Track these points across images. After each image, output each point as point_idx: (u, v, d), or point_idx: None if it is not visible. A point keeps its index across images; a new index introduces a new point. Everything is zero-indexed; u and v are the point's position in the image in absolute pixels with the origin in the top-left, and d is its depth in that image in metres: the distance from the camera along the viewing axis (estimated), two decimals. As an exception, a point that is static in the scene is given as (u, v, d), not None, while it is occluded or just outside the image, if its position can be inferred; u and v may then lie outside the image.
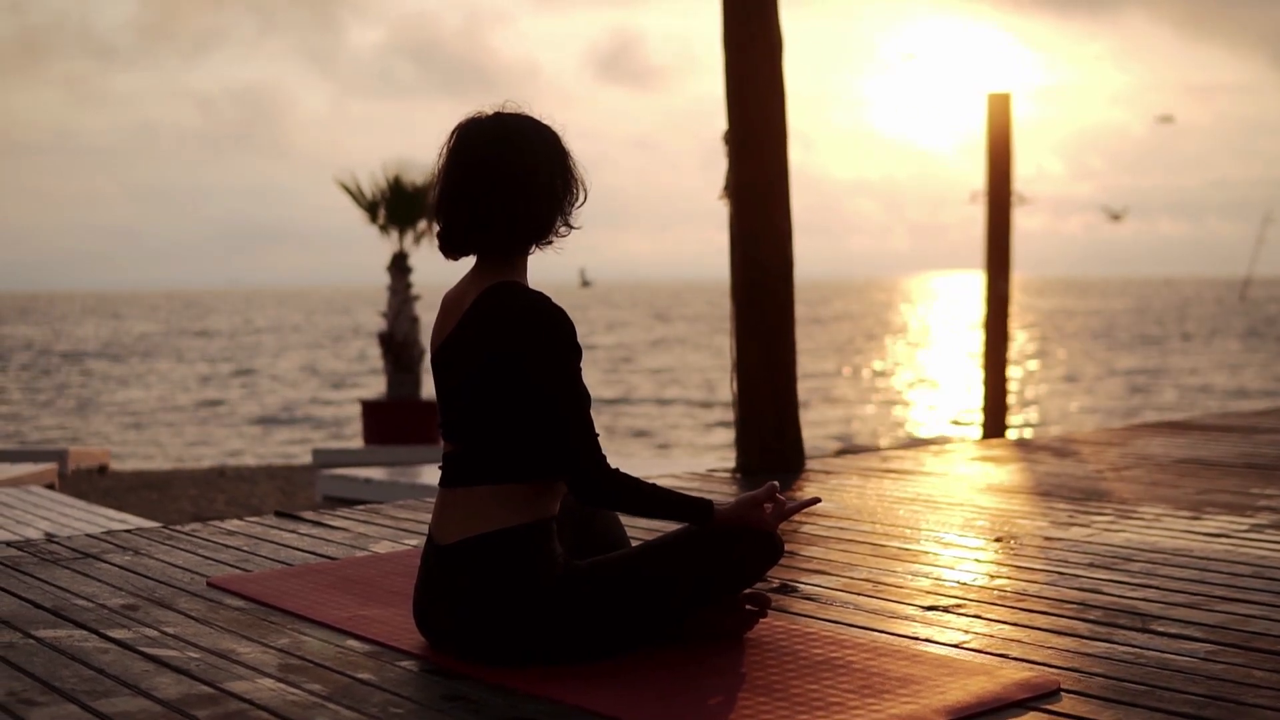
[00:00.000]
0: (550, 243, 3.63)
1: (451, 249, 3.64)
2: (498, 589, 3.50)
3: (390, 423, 19.78)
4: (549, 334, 3.49)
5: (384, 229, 20.95)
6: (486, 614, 3.51)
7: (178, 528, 5.58)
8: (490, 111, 3.62)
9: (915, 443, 20.94)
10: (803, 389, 7.77)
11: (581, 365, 3.54)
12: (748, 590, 3.81)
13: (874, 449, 16.64)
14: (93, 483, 14.84)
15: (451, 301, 3.68)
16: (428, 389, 23.85)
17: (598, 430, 3.57)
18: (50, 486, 12.72)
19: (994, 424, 16.80)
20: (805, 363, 7.50)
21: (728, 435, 27.32)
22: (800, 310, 7.37)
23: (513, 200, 3.53)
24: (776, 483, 3.70)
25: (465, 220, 3.57)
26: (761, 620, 3.86)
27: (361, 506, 6.18)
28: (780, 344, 7.19)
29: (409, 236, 21.00)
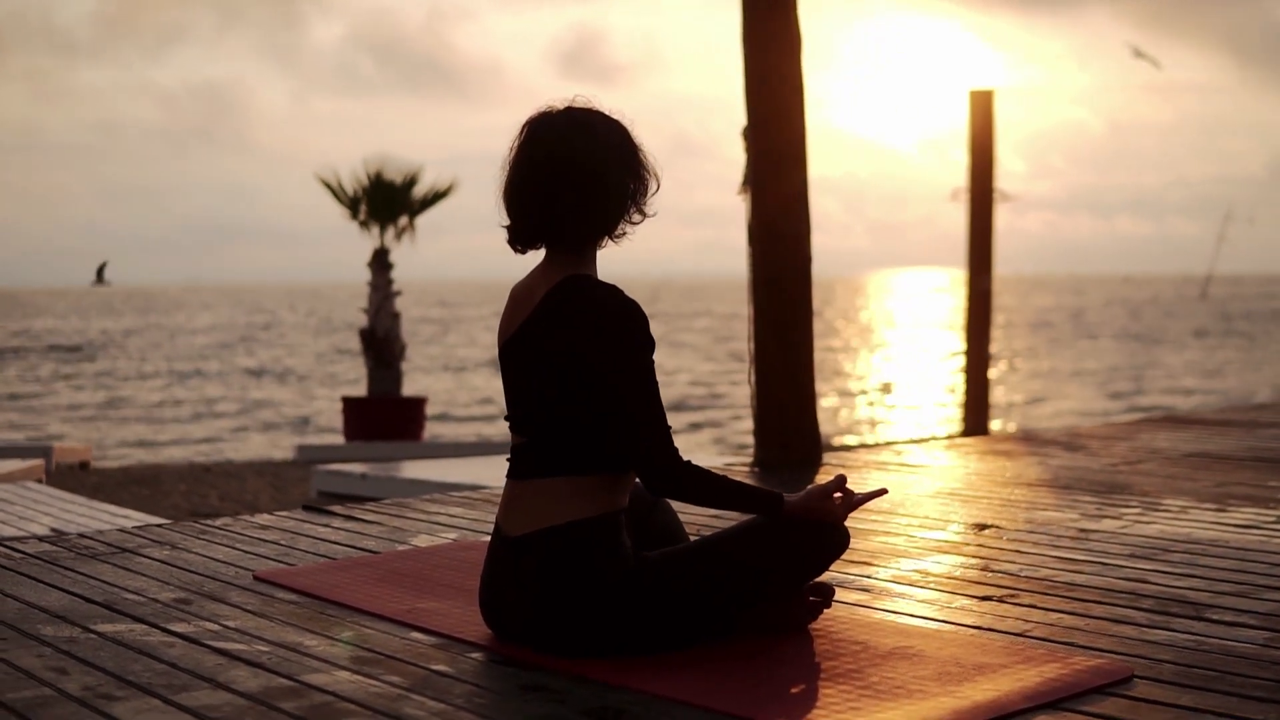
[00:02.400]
0: (623, 235, 3.65)
1: (521, 243, 3.65)
2: (569, 580, 3.51)
3: (372, 419, 19.74)
4: (622, 327, 3.50)
5: (365, 225, 20.92)
6: (558, 605, 3.52)
7: (209, 522, 5.57)
8: (560, 106, 3.63)
9: (911, 439, 20.97)
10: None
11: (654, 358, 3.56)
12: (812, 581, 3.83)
13: (873, 445, 16.69)
14: (79, 479, 14.78)
15: (520, 295, 3.69)
16: (409, 385, 23.85)
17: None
18: (39, 482, 12.66)
19: (975, 421, 16.89)
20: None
21: (709, 435, 27.43)
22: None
23: (584, 195, 3.54)
24: (845, 474, 3.72)
25: (536, 215, 3.58)
26: (825, 611, 3.88)
27: (389, 500, 6.18)
28: (799, 339, 7.22)
29: (390, 232, 20.97)
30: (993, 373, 17.17)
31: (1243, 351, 54.03)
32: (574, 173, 3.54)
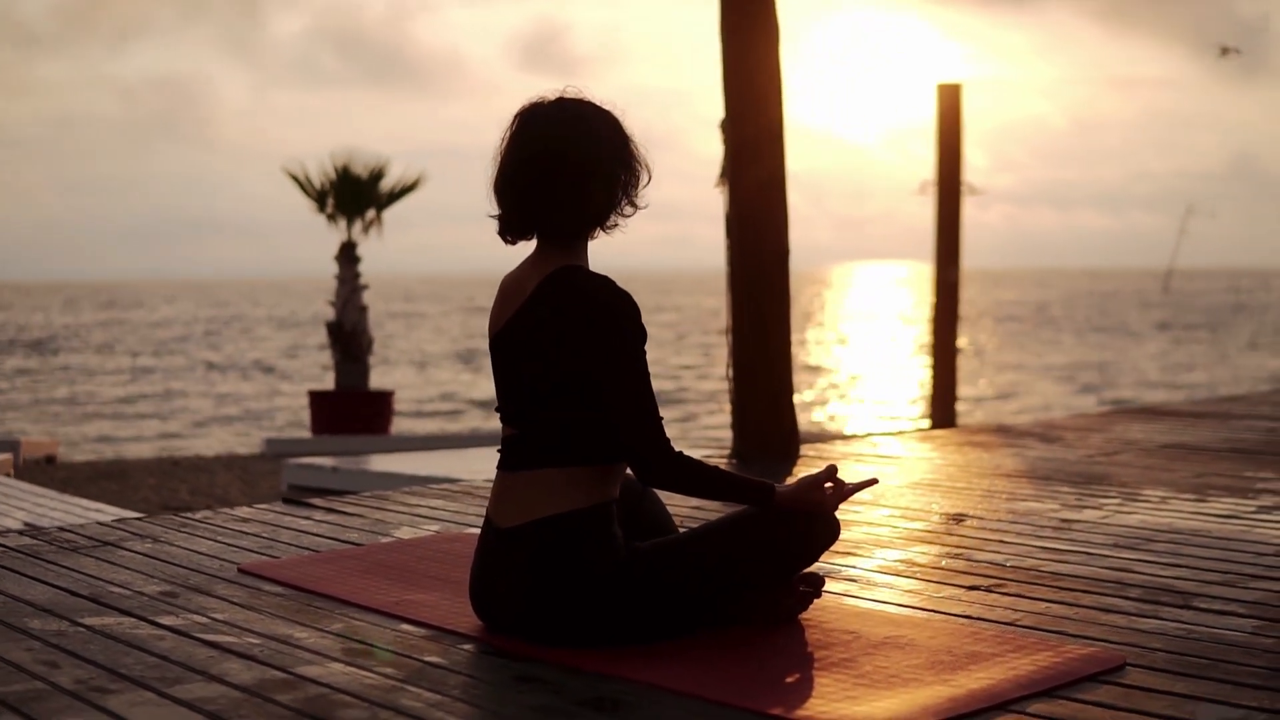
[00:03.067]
0: (615, 226, 3.64)
1: (512, 234, 3.64)
2: (561, 571, 3.50)
3: (339, 412, 19.67)
4: (615, 318, 3.50)
5: (332, 218, 20.84)
6: (550, 596, 3.52)
7: (189, 515, 5.54)
8: (552, 97, 3.62)
9: (880, 432, 21.01)
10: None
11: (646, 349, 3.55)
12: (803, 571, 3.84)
13: (848, 437, 16.72)
14: (47, 473, 14.69)
15: (511, 286, 3.68)
16: (375, 379, 23.79)
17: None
18: (8, 476, 12.57)
19: (942, 414, 16.93)
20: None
21: (678, 430, 27.40)
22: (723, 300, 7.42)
23: (576, 186, 3.54)
24: (836, 464, 3.72)
25: (528, 206, 3.57)
26: (815, 601, 3.89)
27: (369, 493, 6.16)
28: (777, 331, 7.22)
29: (357, 226, 20.89)
30: (960, 366, 17.20)
31: (1207, 345, 54.32)
32: (567, 163, 3.53)
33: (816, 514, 3.69)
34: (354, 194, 20.60)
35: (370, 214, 20.85)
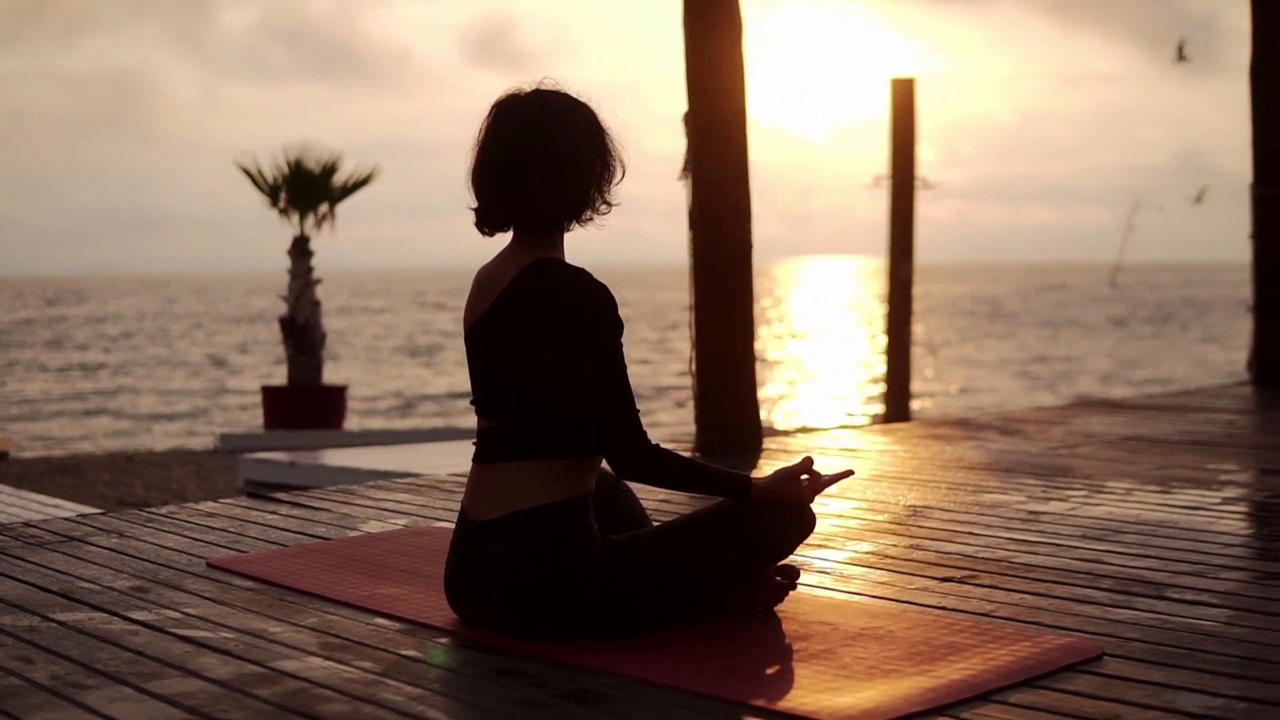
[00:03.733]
0: (591, 219, 3.63)
1: (490, 226, 3.63)
2: (539, 564, 3.49)
3: (293, 407, 19.56)
4: (593, 309, 3.49)
5: (284, 213, 20.72)
6: (527, 589, 3.50)
7: (154, 510, 5.49)
8: (529, 88, 3.62)
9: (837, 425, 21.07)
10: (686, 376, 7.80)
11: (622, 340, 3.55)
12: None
13: (810, 430, 16.75)
14: (1, 470, 14.56)
15: (486, 278, 3.67)
16: (329, 373, 23.65)
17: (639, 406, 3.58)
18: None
19: (897, 408, 17.00)
20: (686, 349, 7.56)
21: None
22: (677, 296, 7.44)
23: (553, 177, 3.53)
24: (812, 456, 3.72)
25: (505, 197, 3.56)
26: (790, 592, 3.89)
27: (334, 487, 6.13)
28: (741, 325, 7.22)
29: (310, 220, 20.78)
30: (914, 359, 17.27)
31: (1161, 340, 54.66)
32: (546, 154, 3.53)
33: (793, 505, 3.69)
34: (307, 188, 20.48)
35: (323, 208, 20.75)
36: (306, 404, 19.62)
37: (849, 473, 3.79)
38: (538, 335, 3.51)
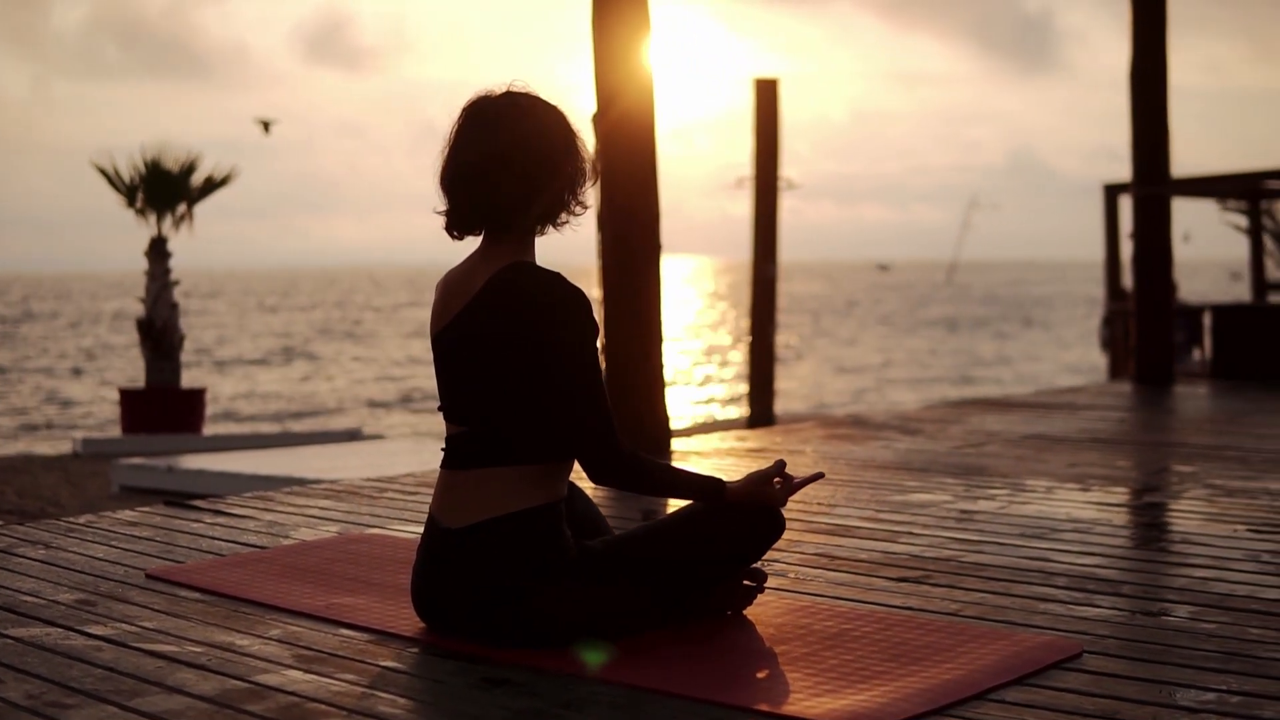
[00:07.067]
0: (564, 223, 3.60)
1: (460, 229, 3.58)
2: (515, 571, 3.45)
3: (151, 411, 19.18)
4: (568, 314, 3.46)
5: (141, 213, 20.31)
6: (503, 596, 3.46)
7: (73, 520, 5.34)
8: (500, 90, 3.57)
9: (715, 426, 21.10)
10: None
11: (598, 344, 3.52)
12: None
13: (710, 429, 16.77)
14: None
15: (456, 282, 3.61)
16: (188, 377, 23.23)
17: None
18: None
19: (761, 408, 17.10)
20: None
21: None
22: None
23: (525, 180, 3.49)
24: (784, 459, 3.72)
25: (476, 200, 3.51)
26: (759, 596, 3.88)
27: (251, 494, 6.01)
28: (649, 325, 7.21)
29: (168, 220, 20.39)
30: (771, 358, 17.39)
31: (1009, 339, 55.55)
32: (519, 157, 3.49)
33: (761, 509, 3.68)
34: (165, 188, 20.11)
35: (181, 208, 20.38)
36: (165, 407, 19.25)
37: (820, 475, 3.79)
38: (513, 339, 3.46)
